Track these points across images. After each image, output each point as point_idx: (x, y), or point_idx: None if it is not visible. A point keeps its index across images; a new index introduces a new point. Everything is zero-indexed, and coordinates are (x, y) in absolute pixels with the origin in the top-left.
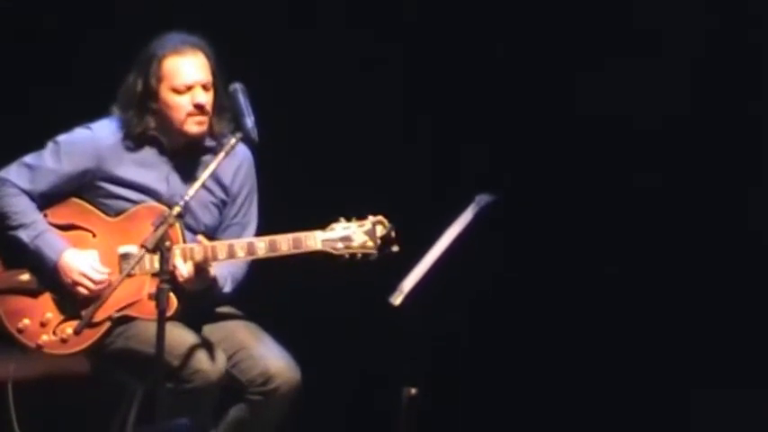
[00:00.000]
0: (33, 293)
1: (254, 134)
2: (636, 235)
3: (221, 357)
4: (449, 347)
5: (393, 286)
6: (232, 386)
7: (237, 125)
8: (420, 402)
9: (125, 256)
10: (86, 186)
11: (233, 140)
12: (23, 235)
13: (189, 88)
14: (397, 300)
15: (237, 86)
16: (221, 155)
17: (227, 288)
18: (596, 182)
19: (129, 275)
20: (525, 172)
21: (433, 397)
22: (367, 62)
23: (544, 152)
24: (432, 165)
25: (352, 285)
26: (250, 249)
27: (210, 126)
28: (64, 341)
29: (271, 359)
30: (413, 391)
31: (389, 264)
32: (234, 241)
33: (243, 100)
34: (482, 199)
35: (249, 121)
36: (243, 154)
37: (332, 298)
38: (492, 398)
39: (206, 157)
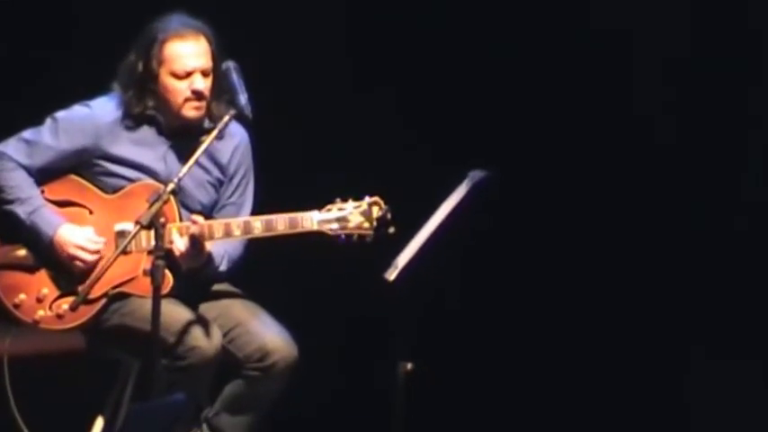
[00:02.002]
0: (30, 269)
1: (248, 111)
2: (625, 209)
3: (217, 334)
4: (444, 322)
5: (388, 262)
6: (229, 362)
7: (231, 102)
8: (416, 377)
9: (121, 234)
10: (84, 164)
11: (226, 117)
12: (19, 210)
13: (188, 74)
14: (392, 275)
15: (230, 65)
16: (215, 132)
17: (223, 266)
18: (586, 160)
19: (124, 252)
20: (518, 149)
21: (428, 371)
22: (361, 43)
23: (536, 130)
24: (427, 142)
25: (349, 261)
26: (246, 228)
27: (209, 109)
28: (60, 317)
29: (268, 335)
30: (409, 365)
31: (385, 240)
32: (230, 220)
33: (236, 78)
34: (475, 175)
35: (242, 98)
36: (240, 134)
37: (328, 274)
38: (486, 371)
39: (204, 139)
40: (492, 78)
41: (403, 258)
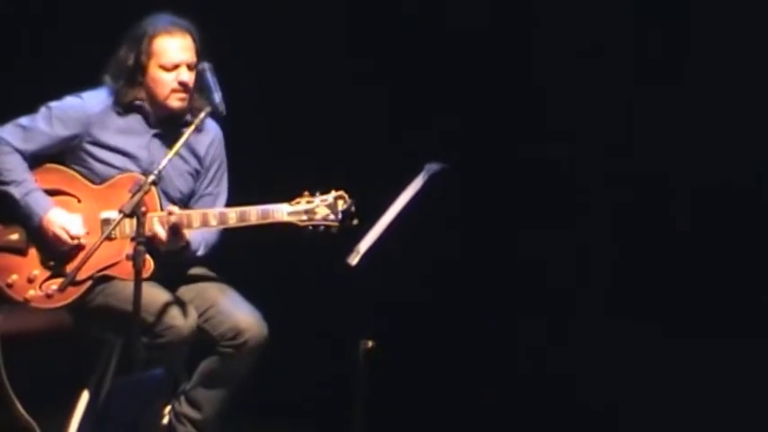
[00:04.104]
0: (22, 252)
1: (222, 108)
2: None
3: (192, 314)
4: (403, 303)
5: (350, 248)
6: (204, 340)
7: (207, 100)
8: (376, 354)
9: (106, 221)
10: (74, 149)
11: (202, 114)
12: (14, 191)
13: (175, 67)
14: (353, 260)
15: (205, 65)
16: (192, 128)
17: (201, 252)
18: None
19: (109, 238)
20: (471, 143)
21: (388, 349)
22: (329, 40)
23: (490, 124)
24: (386, 137)
25: (314, 248)
26: (222, 219)
27: (191, 101)
28: (49, 296)
29: (240, 315)
30: (370, 343)
31: (349, 230)
32: (208, 210)
33: (210, 78)
34: (431, 167)
35: (217, 97)
36: (214, 130)
37: (295, 259)
38: (445, 349)
39: (185, 130)
40: (447, 80)
41: (364, 244)
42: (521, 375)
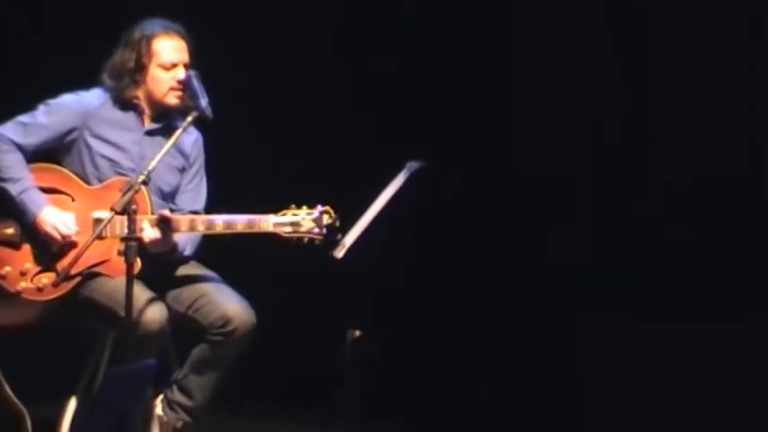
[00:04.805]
0: (16, 245)
1: (209, 112)
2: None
3: (163, 311)
4: (389, 294)
5: (337, 242)
6: (195, 329)
7: (194, 105)
8: (364, 344)
9: (98, 220)
10: (72, 142)
11: (189, 117)
12: (11, 188)
13: (173, 66)
14: (339, 253)
15: (191, 72)
16: (179, 131)
17: (188, 251)
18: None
19: (100, 237)
20: (450, 142)
21: (375, 339)
22: (310, 46)
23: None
24: (372, 138)
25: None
26: (209, 225)
27: (184, 101)
28: (40, 289)
29: (229, 304)
30: (357, 333)
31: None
32: (196, 217)
33: (197, 84)
34: (412, 165)
35: (203, 102)
36: (197, 133)
37: (285, 251)
38: (430, 338)
39: (175, 128)
40: (426, 81)
41: (349, 238)
42: (504, 364)
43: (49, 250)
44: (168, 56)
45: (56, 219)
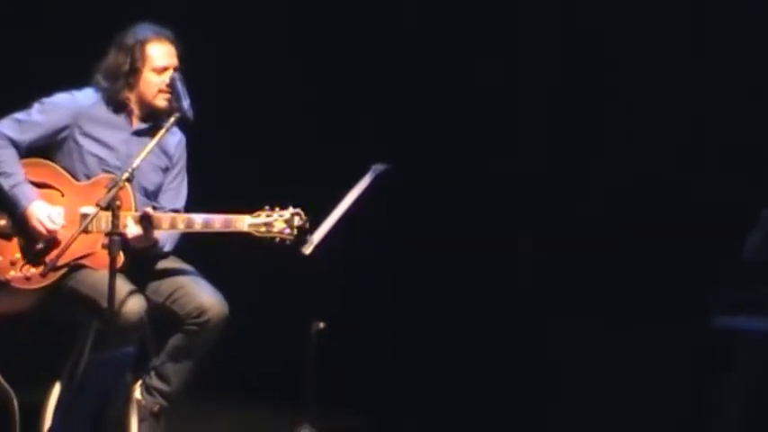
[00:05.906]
0: (7, 236)
1: (190, 114)
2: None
3: (142, 303)
4: (352, 288)
5: (305, 239)
6: (172, 319)
7: (177, 107)
8: (327, 335)
9: (85, 215)
10: (64, 139)
11: (172, 118)
12: (3, 182)
13: (165, 69)
14: (307, 249)
15: (175, 75)
16: (162, 131)
17: (168, 247)
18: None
19: (86, 231)
20: (412, 144)
21: (338, 331)
22: (279, 47)
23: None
24: (337, 141)
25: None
26: (188, 223)
27: (171, 102)
28: (28, 279)
29: (204, 296)
30: (321, 324)
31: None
32: (176, 215)
33: (180, 86)
34: (377, 168)
35: (186, 104)
36: (180, 134)
37: (255, 248)
38: (391, 329)
39: (160, 128)
40: (393, 86)
41: (317, 236)
42: (468, 355)
43: (38, 242)
44: (160, 60)
45: (42, 213)
